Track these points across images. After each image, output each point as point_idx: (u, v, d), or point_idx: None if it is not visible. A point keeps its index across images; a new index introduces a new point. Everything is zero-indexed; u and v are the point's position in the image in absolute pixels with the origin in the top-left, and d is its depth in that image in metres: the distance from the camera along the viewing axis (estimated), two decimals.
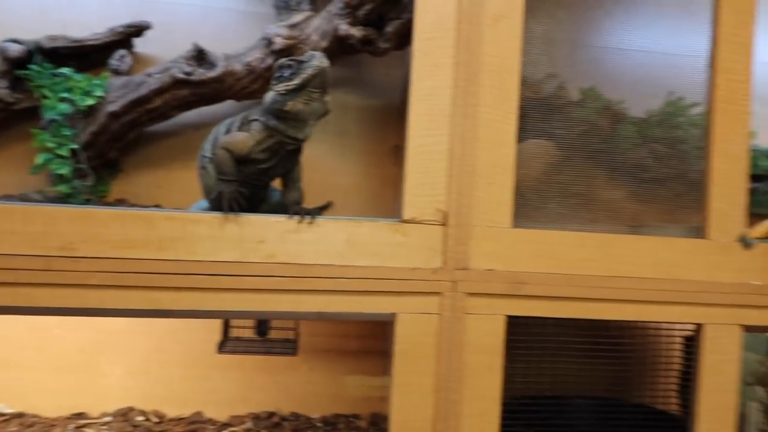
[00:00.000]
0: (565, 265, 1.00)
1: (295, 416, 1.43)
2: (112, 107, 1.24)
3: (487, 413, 0.97)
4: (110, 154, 1.31)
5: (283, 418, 1.40)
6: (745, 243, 1.04)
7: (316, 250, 0.94)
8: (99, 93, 1.24)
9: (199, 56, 1.23)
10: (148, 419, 1.38)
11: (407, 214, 0.96)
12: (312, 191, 1.09)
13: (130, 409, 1.40)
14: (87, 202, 1.24)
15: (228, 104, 1.32)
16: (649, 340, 1.25)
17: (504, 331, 0.98)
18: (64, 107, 1.22)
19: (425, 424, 0.96)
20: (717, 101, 1.05)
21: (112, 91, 1.25)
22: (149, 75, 1.25)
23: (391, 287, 0.95)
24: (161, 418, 1.39)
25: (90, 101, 1.23)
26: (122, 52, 1.29)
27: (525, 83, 1.07)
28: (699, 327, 1.05)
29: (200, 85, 1.23)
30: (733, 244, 1.05)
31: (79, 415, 1.38)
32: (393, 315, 0.96)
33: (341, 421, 1.42)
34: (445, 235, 0.97)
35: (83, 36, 1.30)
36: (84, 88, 1.24)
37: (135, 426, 1.35)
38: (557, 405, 1.17)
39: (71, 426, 1.34)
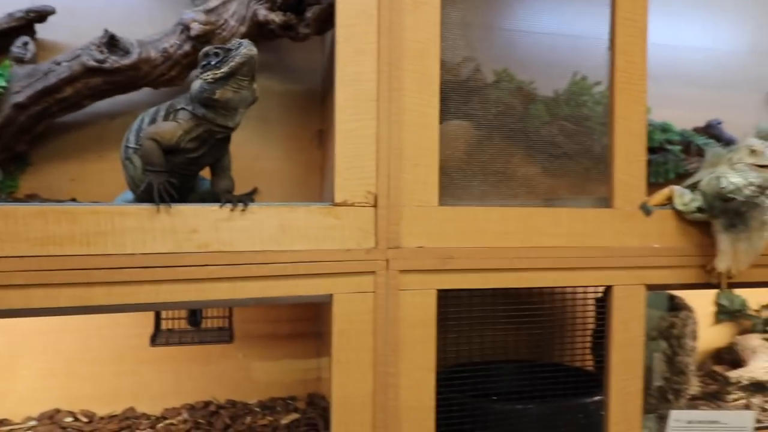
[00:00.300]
0: (488, 238, 1.06)
1: (232, 403, 1.43)
2: (18, 98, 1.17)
3: (423, 383, 1.03)
4: (18, 147, 1.24)
5: (220, 406, 1.40)
6: (646, 210, 1.15)
7: (250, 237, 0.94)
8: (1, 83, 1.17)
9: (111, 42, 1.18)
10: (77, 419, 1.34)
11: (339, 197, 0.98)
12: (236, 178, 1.08)
13: (57, 411, 1.35)
14: None
15: (144, 92, 1.28)
16: (567, 303, 1.35)
17: (435, 304, 1.03)
18: None
19: (366, 399, 1.00)
20: (617, 81, 1.14)
21: (16, 80, 1.18)
22: (57, 63, 1.18)
23: (326, 269, 0.98)
24: (91, 417, 1.35)
25: None
26: (24, 38, 1.22)
27: (444, 67, 1.11)
28: (608, 288, 1.14)
29: (114, 73, 1.19)
30: (635, 211, 1.15)
31: (2, 422, 1.32)
32: (330, 296, 0.98)
33: (279, 404, 1.43)
34: (377, 216, 1.00)
35: None
36: None
37: (63, 428, 1.30)
38: (486, 370, 1.25)
39: None
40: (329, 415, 1.00)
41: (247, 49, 0.89)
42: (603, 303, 1.19)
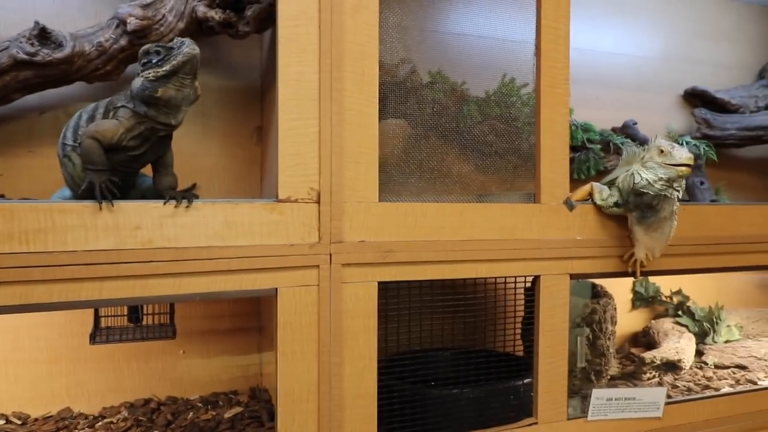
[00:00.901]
0: (425, 232, 1.12)
1: (173, 400, 1.42)
2: None
3: (365, 371, 1.07)
4: None
5: (161, 403, 1.40)
6: (569, 205, 1.24)
7: (195, 233, 0.96)
8: None
9: (42, 35, 1.15)
10: (9, 422, 1.30)
11: (282, 194, 1.01)
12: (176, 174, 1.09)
13: None
14: None
15: (77, 86, 1.26)
16: (499, 293, 1.42)
17: (377, 295, 1.08)
18: None
19: (311, 388, 1.03)
20: (543, 85, 1.22)
21: None
22: None
23: (271, 264, 1.00)
24: (25, 419, 1.31)
25: None
26: None
27: (383, 68, 1.15)
28: (536, 278, 1.23)
29: (46, 67, 1.16)
30: (560, 206, 1.23)
31: None
32: (275, 290, 1.01)
33: (221, 398, 1.44)
34: (320, 212, 1.03)
35: None
36: None
37: None
38: (425, 358, 1.31)
39: None
40: (273, 407, 1.02)
41: (189, 48, 0.91)
42: (531, 292, 1.27)
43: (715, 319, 1.81)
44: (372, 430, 1.07)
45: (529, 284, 1.31)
